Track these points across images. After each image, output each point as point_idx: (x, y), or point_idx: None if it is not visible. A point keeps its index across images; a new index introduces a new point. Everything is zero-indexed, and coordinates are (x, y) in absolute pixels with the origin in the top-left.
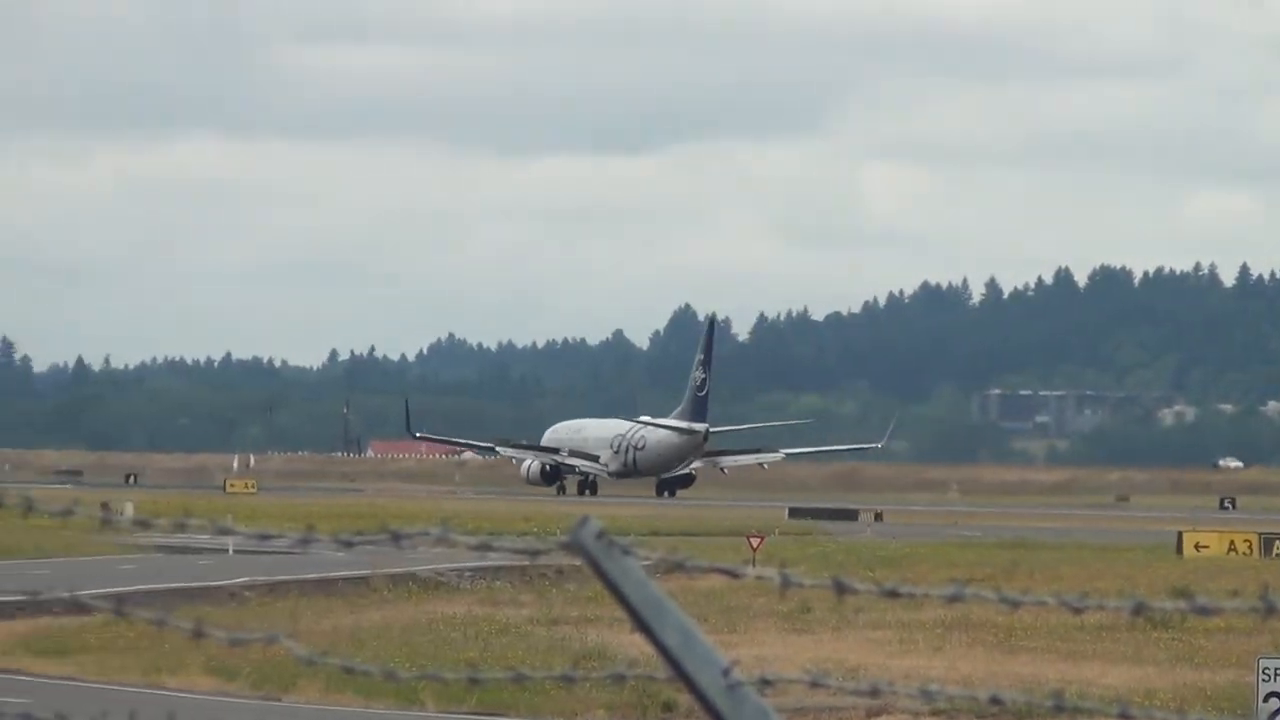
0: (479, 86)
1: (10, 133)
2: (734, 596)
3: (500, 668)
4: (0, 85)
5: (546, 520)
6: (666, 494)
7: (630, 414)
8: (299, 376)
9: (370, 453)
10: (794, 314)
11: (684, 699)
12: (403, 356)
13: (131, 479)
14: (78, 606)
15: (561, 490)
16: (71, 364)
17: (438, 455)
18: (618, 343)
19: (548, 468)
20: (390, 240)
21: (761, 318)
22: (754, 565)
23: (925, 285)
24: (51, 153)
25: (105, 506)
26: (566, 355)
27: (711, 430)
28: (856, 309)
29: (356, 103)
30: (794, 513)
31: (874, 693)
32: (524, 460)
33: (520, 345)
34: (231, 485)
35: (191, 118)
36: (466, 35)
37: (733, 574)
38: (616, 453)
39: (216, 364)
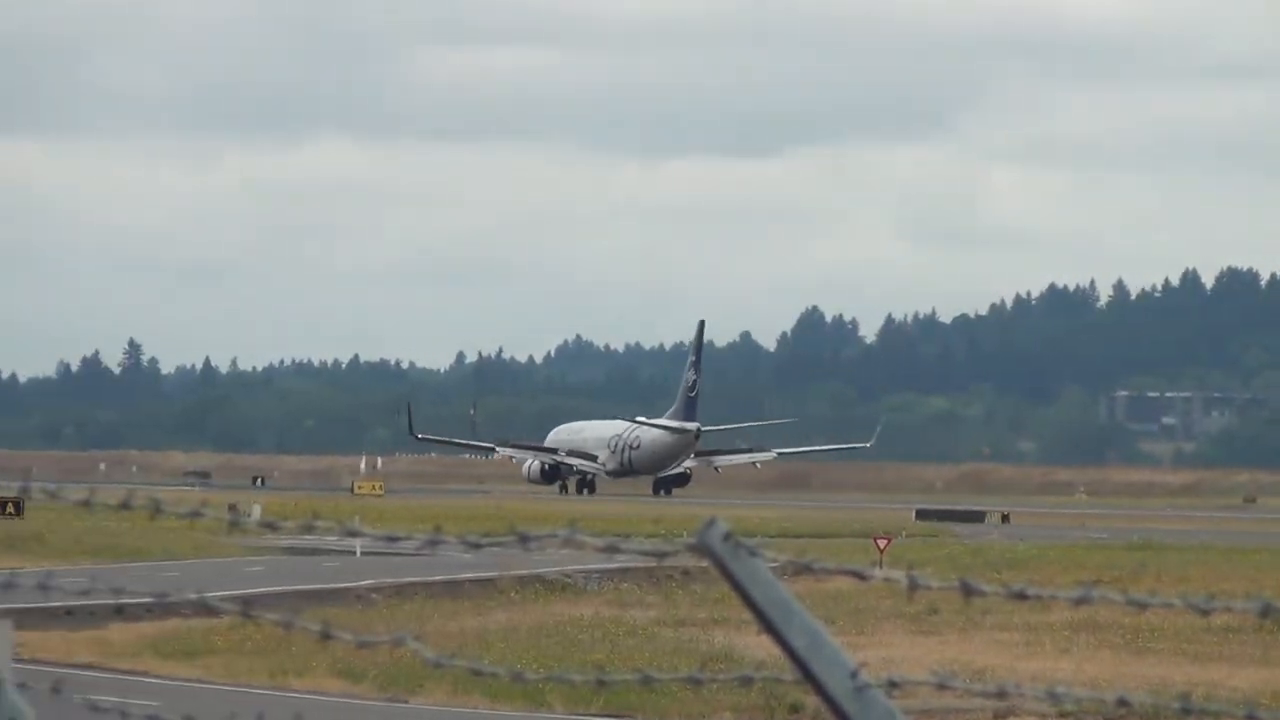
0: (609, 88)
1: (140, 134)
2: (861, 598)
3: (627, 669)
4: (131, 87)
5: (674, 522)
6: (663, 492)
7: (758, 416)
8: (426, 378)
9: (497, 454)
10: (921, 316)
11: (811, 701)
12: (530, 358)
13: (259, 481)
14: (205, 608)
15: (564, 489)
16: (199, 366)
17: None
18: (745, 344)
19: (547, 467)
20: (519, 241)
21: (889, 319)
22: (881, 567)
23: (1052, 287)
24: (181, 155)
25: (233, 508)
26: None
27: (703, 429)
28: (983, 311)
29: (486, 104)
30: (921, 514)
31: (1001, 694)
32: (525, 460)
33: (648, 347)
34: (359, 487)
35: (322, 119)
36: (598, 37)
37: (860, 576)
38: (614, 452)
39: (344, 366)
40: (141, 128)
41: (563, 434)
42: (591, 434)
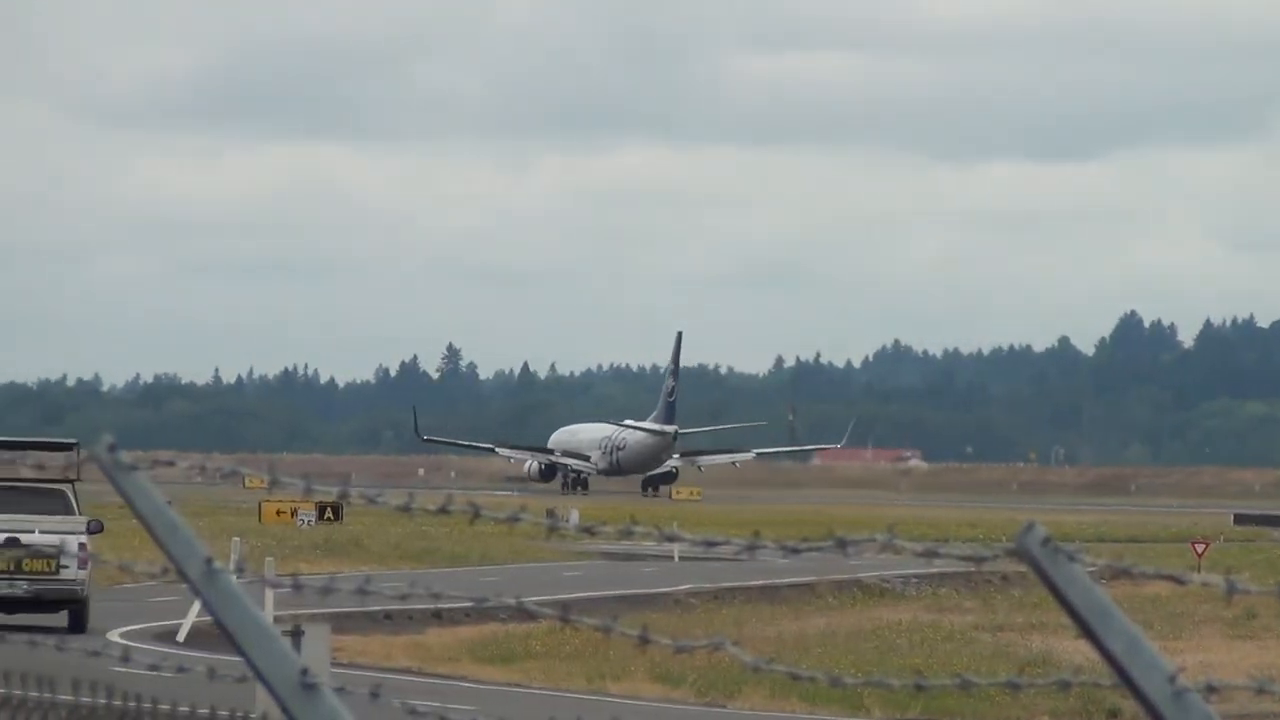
0: (919, 91)
1: (457, 139)
2: (1178, 603)
3: (945, 674)
4: (449, 92)
5: (991, 527)
6: (650, 490)
7: (1076, 422)
8: (744, 383)
9: (815, 460)
10: (1239, 321)
11: (1129, 705)
12: (848, 363)
13: (578, 487)
14: (524, 613)
15: (565, 486)
16: (517, 371)
17: (883, 462)
18: (1063, 349)
19: (544, 466)
20: (835, 246)
21: (1207, 324)
22: (1199, 571)
23: None
24: (497, 160)
25: (551, 513)
26: (1011, 362)
27: (681, 431)
28: None
29: (799, 109)
30: (1239, 519)
31: None
32: (524, 460)
33: (966, 352)
34: (676, 492)
35: (635, 125)
36: (906, 42)
37: (1178, 580)
38: (604, 453)
39: (662, 370)
40: (459, 133)
41: (561, 436)
42: (585, 436)
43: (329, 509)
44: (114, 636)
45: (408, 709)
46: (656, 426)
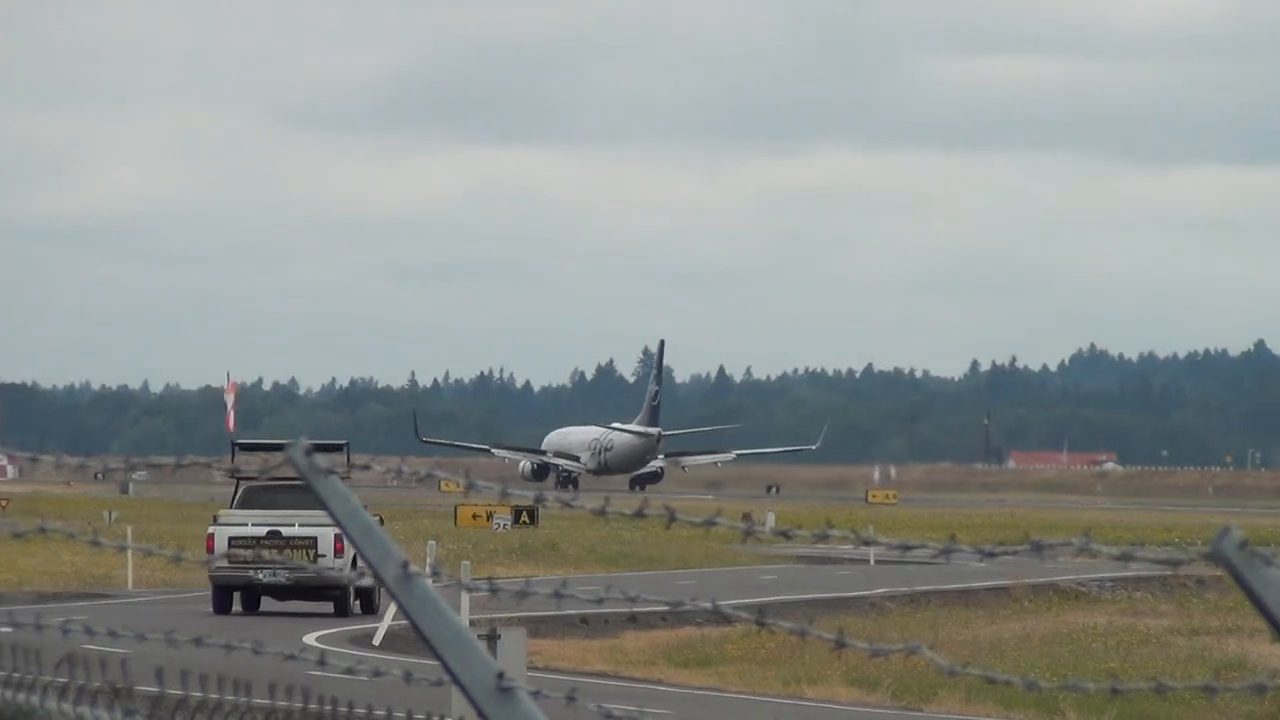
0: (1115, 95)
1: (652, 142)
2: None
3: (1141, 678)
4: (643, 95)
5: (1187, 530)
6: (638, 488)
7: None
8: (940, 387)
9: (1011, 463)
10: None
11: None
12: (1044, 367)
13: (773, 490)
14: (719, 617)
15: (558, 485)
16: (713, 375)
17: (1079, 465)
18: (1259, 353)
19: (536, 466)
20: (1030, 250)
21: None
22: None
23: None
24: (692, 163)
25: (747, 517)
26: (1207, 366)
27: (664, 434)
28: None
29: (994, 112)
30: None
31: None
32: (519, 460)
33: (1161, 356)
34: (872, 496)
35: (830, 128)
36: (1101, 46)
37: None
38: (594, 454)
39: (858, 375)
40: (655, 136)
41: (554, 438)
42: (576, 438)
43: (524, 513)
44: (310, 640)
45: (603, 713)
46: (641, 429)
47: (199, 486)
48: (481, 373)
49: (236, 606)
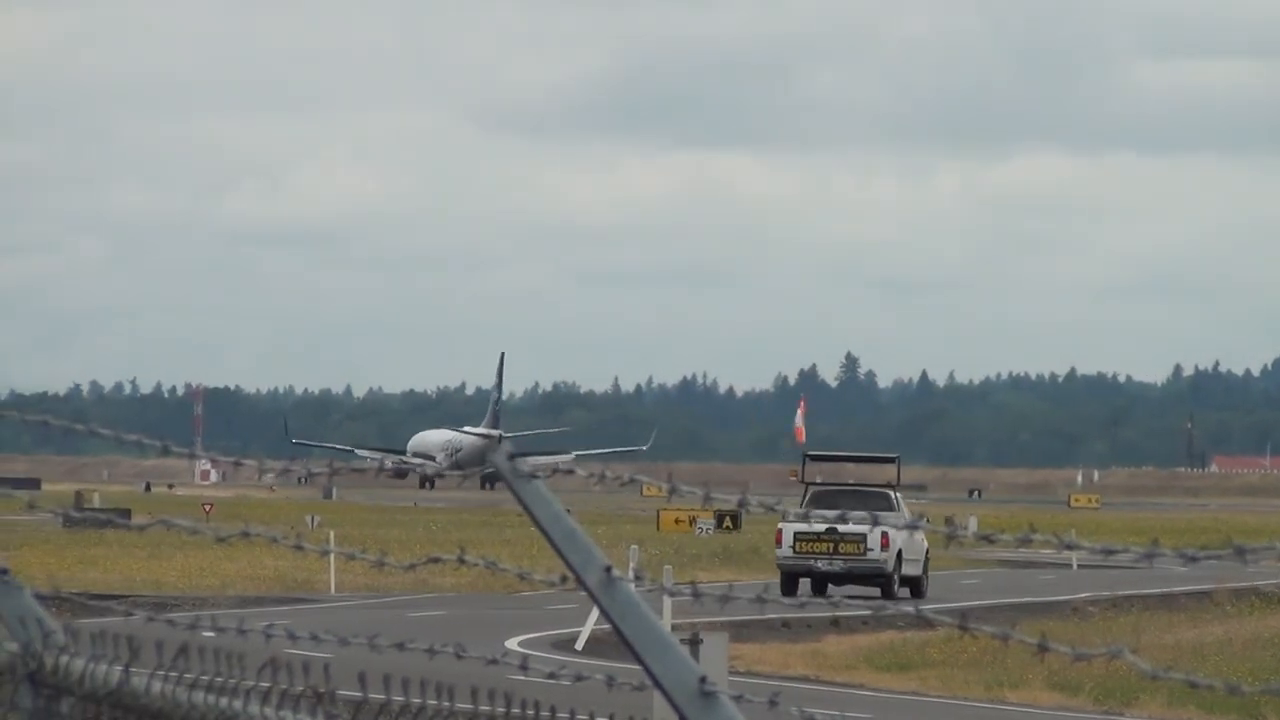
0: None
1: (855, 147)
2: None
3: None
4: (846, 100)
5: None
6: (488, 486)
7: None
8: (1142, 392)
9: (1214, 467)
10: None
11: None
12: (1247, 371)
13: (975, 494)
14: (922, 621)
15: (420, 483)
16: (916, 379)
17: None
18: None
19: (396, 466)
20: (1234, 255)
21: None
22: None
23: None
24: (898, 168)
25: (949, 521)
26: None
27: (504, 436)
28: None
29: (1201, 116)
30: None
31: None
32: (381, 460)
33: None
34: (1075, 500)
35: (1034, 133)
36: None
37: None
38: (447, 454)
39: (1061, 379)
40: (858, 141)
41: (415, 440)
42: (433, 440)
43: (728, 517)
44: (512, 644)
45: (805, 717)
46: (485, 431)
47: (401, 490)
48: (684, 377)
49: (804, 591)
